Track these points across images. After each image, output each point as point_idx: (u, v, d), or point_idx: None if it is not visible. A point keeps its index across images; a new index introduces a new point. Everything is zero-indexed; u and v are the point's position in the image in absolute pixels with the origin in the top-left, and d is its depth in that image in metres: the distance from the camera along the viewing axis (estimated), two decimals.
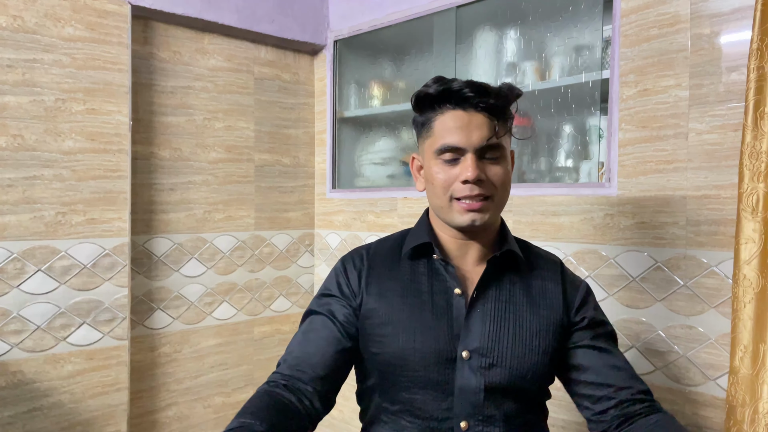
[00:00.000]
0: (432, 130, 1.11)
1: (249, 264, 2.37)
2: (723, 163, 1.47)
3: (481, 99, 1.06)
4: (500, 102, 1.08)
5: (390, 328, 1.10)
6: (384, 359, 1.10)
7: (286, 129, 2.49)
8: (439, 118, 1.10)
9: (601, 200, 1.69)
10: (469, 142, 1.06)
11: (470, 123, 1.06)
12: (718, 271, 1.48)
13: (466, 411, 1.06)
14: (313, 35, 2.46)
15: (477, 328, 1.09)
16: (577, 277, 1.22)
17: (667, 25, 1.56)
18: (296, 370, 1.08)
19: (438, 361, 1.07)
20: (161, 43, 2.12)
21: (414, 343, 1.08)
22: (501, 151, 1.09)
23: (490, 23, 2.06)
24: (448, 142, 1.07)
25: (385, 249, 1.20)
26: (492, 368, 1.07)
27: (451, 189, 1.08)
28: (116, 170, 1.94)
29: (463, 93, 1.06)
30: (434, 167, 1.10)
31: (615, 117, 1.66)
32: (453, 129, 1.07)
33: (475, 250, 1.15)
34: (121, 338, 1.96)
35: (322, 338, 1.12)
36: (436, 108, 1.10)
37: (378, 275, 1.16)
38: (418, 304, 1.11)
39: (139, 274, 2.08)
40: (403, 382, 1.09)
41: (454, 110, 1.08)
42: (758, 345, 1.29)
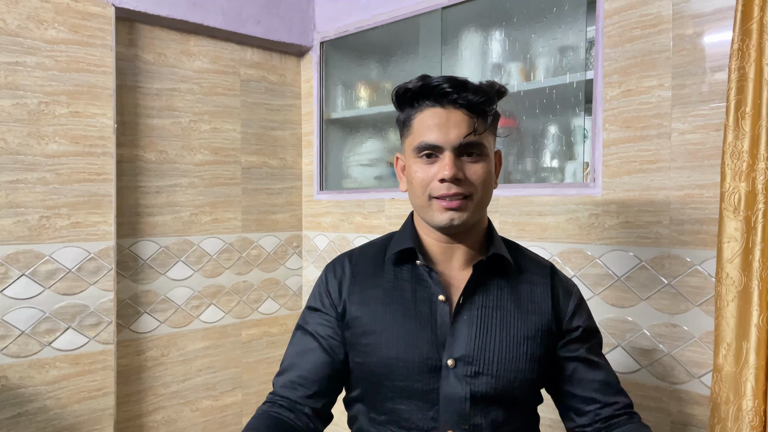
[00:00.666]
0: (411, 128, 1.09)
1: (236, 266, 2.36)
2: (705, 162, 1.48)
3: (459, 95, 1.04)
4: (480, 98, 1.04)
5: (373, 337, 1.08)
6: (368, 369, 1.09)
7: (272, 131, 2.49)
8: (418, 115, 1.08)
9: (586, 200, 1.70)
10: (447, 139, 1.04)
11: (448, 120, 1.04)
12: (701, 269, 1.49)
13: (452, 420, 1.04)
14: (300, 37, 2.46)
15: (463, 336, 1.06)
16: (569, 282, 1.19)
17: (650, 26, 1.57)
18: (291, 390, 1.10)
19: (422, 370, 1.05)
20: (146, 45, 2.11)
21: (397, 352, 1.06)
22: (481, 149, 1.06)
23: (475, 24, 2.07)
24: (425, 140, 1.05)
25: (369, 255, 1.18)
26: (478, 376, 1.04)
27: (429, 188, 1.06)
28: (101, 173, 1.92)
29: (442, 88, 1.04)
30: (413, 166, 1.08)
31: (599, 117, 1.67)
32: (431, 126, 1.05)
33: (461, 254, 1.13)
34: (107, 342, 1.94)
35: (310, 358, 1.12)
36: (416, 105, 1.08)
37: (361, 282, 1.13)
38: (402, 311, 1.08)
39: (125, 278, 2.06)
40: (387, 392, 1.08)
41: (432, 107, 1.06)
42: (741, 343, 1.30)
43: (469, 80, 1.06)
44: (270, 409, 1.09)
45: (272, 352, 2.47)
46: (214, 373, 2.30)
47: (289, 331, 2.52)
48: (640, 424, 1.09)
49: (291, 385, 1.10)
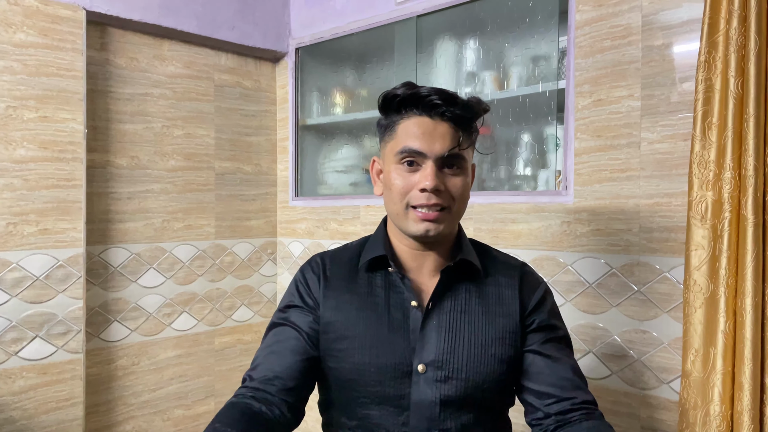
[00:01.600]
0: (395, 133, 1.09)
1: (210, 273, 2.34)
2: (674, 171, 1.51)
3: (448, 108, 1.05)
4: (467, 113, 1.06)
5: (346, 342, 1.09)
6: (340, 374, 1.09)
7: (247, 136, 2.47)
8: (403, 122, 1.08)
9: (558, 208, 1.72)
10: (431, 149, 1.04)
11: (434, 131, 1.05)
12: (670, 276, 1.52)
13: (422, 425, 1.05)
14: (275, 42, 2.45)
15: (432, 341, 1.07)
16: (537, 279, 1.19)
17: (620, 37, 1.60)
18: (263, 383, 1.07)
19: (394, 375, 1.06)
20: (118, 50, 2.08)
21: (369, 358, 1.07)
22: (462, 162, 1.07)
23: (450, 33, 2.08)
24: (409, 146, 1.05)
25: (343, 259, 1.18)
26: (448, 381, 1.05)
27: (408, 196, 1.06)
28: (70, 179, 1.89)
29: (431, 100, 1.05)
30: (393, 172, 1.08)
31: (571, 126, 1.69)
32: (416, 134, 1.05)
33: (432, 261, 1.14)
34: (75, 351, 1.90)
35: (287, 349, 1.10)
36: (402, 112, 1.08)
37: (336, 287, 1.14)
38: (375, 318, 1.09)
39: (95, 286, 2.03)
40: (359, 398, 1.08)
41: (419, 116, 1.06)
42: (708, 349, 1.33)
43: (457, 94, 1.08)
44: (239, 400, 1.04)
45: (246, 359, 2.45)
46: (187, 382, 2.27)
47: None
48: (600, 421, 1.06)
49: (263, 379, 1.07)
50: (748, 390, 1.24)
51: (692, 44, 1.49)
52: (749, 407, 1.24)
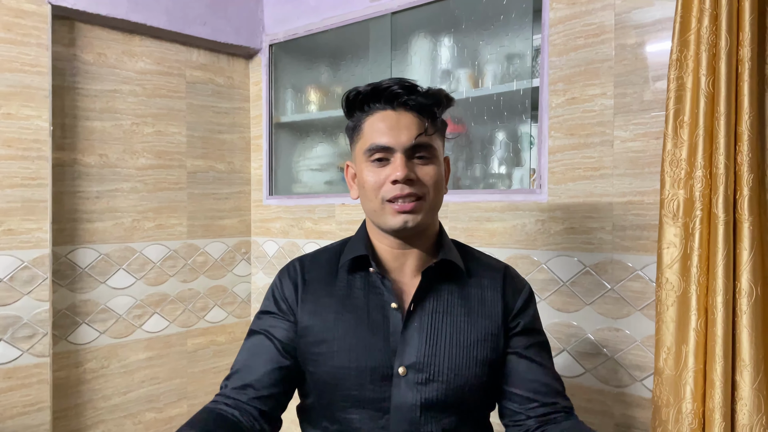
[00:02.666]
0: (362, 132, 1.09)
1: (181, 274, 2.30)
2: (646, 169, 1.51)
3: (409, 96, 1.05)
4: (429, 100, 1.06)
5: (325, 346, 1.07)
6: (320, 378, 1.08)
7: (220, 134, 2.43)
8: (368, 119, 1.08)
9: (532, 206, 1.71)
10: (398, 141, 1.04)
11: (399, 122, 1.05)
12: (642, 274, 1.52)
13: (402, 429, 1.04)
14: (248, 39, 2.42)
15: (413, 343, 1.06)
16: (522, 282, 1.19)
17: (593, 36, 1.60)
18: (237, 392, 1.07)
19: (374, 378, 1.04)
20: (85, 45, 2.03)
21: (349, 361, 1.05)
22: (431, 151, 1.07)
23: (425, 30, 2.07)
24: (376, 142, 1.05)
25: (321, 261, 1.17)
26: (429, 383, 1.04)
27: (382, 191, 1.05)
28: (35, 178, 1.84)
29: (392, 90, 1.05)
30: (365, 170, 1.08)
31: (545, 125, 1.69)
32: (382, 129, 1.05)
33: (413, 261, 1.12)
34: (42, 355, 1.85)
35: (262, 359, 1.10)
36: (366, 109, 1.09)
37: (314, 291, 1.12)
38: (354, 320, 1.08)
39: (62, 287, 1.98)
40: (339, 401, 1.07)
41: (383, 110, 1.07)
42: (680, 346, 1.33)
43: (419, 85, 1.08)
44: (214, 407, 1.06)
45: (219, 361, 2.41)
46: (158, 385, 2.22)
47: (237, 339, 2.46)
48: (577, 422, 1.08)
49: (240, 387, 1.07)
50: (720, 387, 1.24)
51: (664, 43, 1.49)
52: (720, 404, 1.24)
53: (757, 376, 1.24)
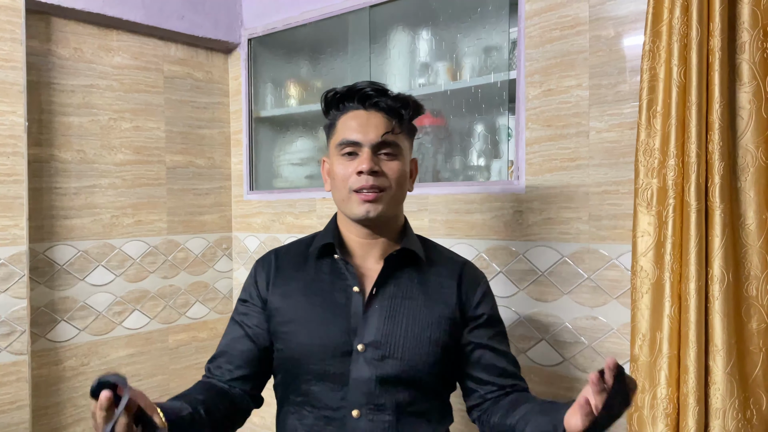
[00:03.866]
0: (336, 128, 1.21)
1: (162, 270, 2.28)
2: (621, 160, 1.53)
3: (380, 98, 1.18)
4: (397, 103, 1.18)
5: (292, 325, 1.19)
6: (287, 354, 1.20)
7: (199, 129, 2.42)
8: (342, 117, 1.20)
9: (510, 197, 1.73)
10: (366, 137, 1.16)
11: (368, 121, 1.17)
12: (618, 263, 1.54)
13: (359, 400, 1.14)
14: (227, 33, 2.40)
15: (373, 323, 1.16)
16: (480, 275, 1.29)
17: (568, 28, 1.61)
18: (221, 371, 1.22)
19: (335, 354, 1.15)
20: (61, 40, 2.01)
21: (312, 338, 1.16)
22: (397, 149, 1.18)
23: (403, 23, 2.07)
24: (347, 137, 1.17)
25: (294, 250, 1.29)
26: (384, 360, 1.14)
27: (350, 182, 1.16)
28: (11, 174, 1.81)
29: (365, 91, 1.18)
30: (336, 163, 1.19)
31: (522, 116, 1.70)
32: (353, 126, 1.17)
33: (378, 249, 1.23)
34: (20, 353, 1.83)
35: (239, 344, 1.23)
36: (341, 108, 1.21)
37: (284, 276, 1.24)
38: (319, 302, 1.19)
39: (40, 284, 1.96)
40: (303, 375, 1.17)
41: (356, 109, 1.19)
42: (655, 333, 1.36)
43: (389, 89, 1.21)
44: (206, 380, 1.23)
45: (202, 357, 2.40)
46: (140, 381, 2.21)
47: (219, 335, 2.46)
48: (528, 394, 1.21)
49: (222, 368, 1.22)
50: (693, 373, 1.27)
51: (638, 34, 1.51)
52: (694, 389, 1.27)
53: (730, 360, 1.27)
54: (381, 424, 1.14)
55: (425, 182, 2.00)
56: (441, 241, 1.85)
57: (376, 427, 1.14)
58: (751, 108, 1.27)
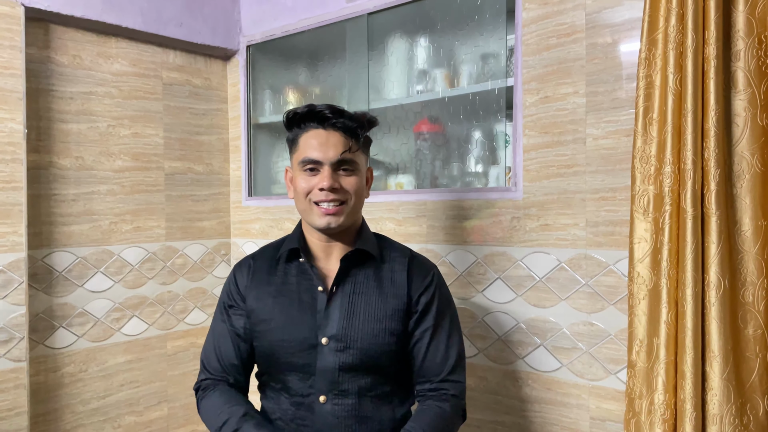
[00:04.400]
0: (298, 146, 1.32)
1: (160, 276, 2.29)
2: (618, 166, 1.54)
3: (337, 119, 1.28)
4: (353, 123, 1.29)
5: (265, 324, 1.32)
6: (263, 350, 1.33)
7: (198, 135, 2.42)
8: (303, 135, 1.31)
9: (508, 204, 1.74)
10: (326, 156, 1.27)
11: (328, 140, 1.28)
12: (615, 269, 1.55)
13: (325, 387, 1.28)
14: (225, 40, 2.41)
15: (334, 318, 1.29)
16: (427, 267, 1.39)
17: (565, 35, 1.62)
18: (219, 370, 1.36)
19: (302, 348, 1.29)
20: (59, 47, 2.01)
21: (283, 335, 1.30)
22: (354, 165, 1.30)
23: (401, 31, 2.08)
24: (309, 156, 1.28)
25: (266, 255, 1.41)
26: (345, 350, 1.27)
27: (311, 195, 1.28)
28: (10, 181, 1.82)
29: (324, 114, 1.29)
30: (299, 177, 1.31)
31: (519, 123, 1.71)
32: (314, 145, 1.28)
33: (338, 251, 1.35)
34: (18, 360, 1.84)
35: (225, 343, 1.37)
36: (302, 126, 1.32)
37: (258, 280, 1.36)
38: (288, 302, 1.32)
39: (39, 291, 1.96)
40: (278, 367, 1.32)
41: (316, 129, 1.30)
42: (652, 339, 1.36)
43: (346, 109, 1.31)
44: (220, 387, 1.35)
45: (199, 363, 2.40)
46: (138, 388, 2.21)
47: None
48: (432, 403, 1.31)
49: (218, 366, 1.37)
50: (690, 378, 1.27)
51: (634, 42, 1.52)
52: (691, 395, 1.27)
53: (726, 366, 1.27)
54: (345, 407, 1.28)
55: (423, 188, 2.01)
56: (439, 247, 1.87)
57: (340, 410, 1.28)
58: (746, 115, 1.28)
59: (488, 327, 1.78)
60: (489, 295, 1.78)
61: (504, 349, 1.76)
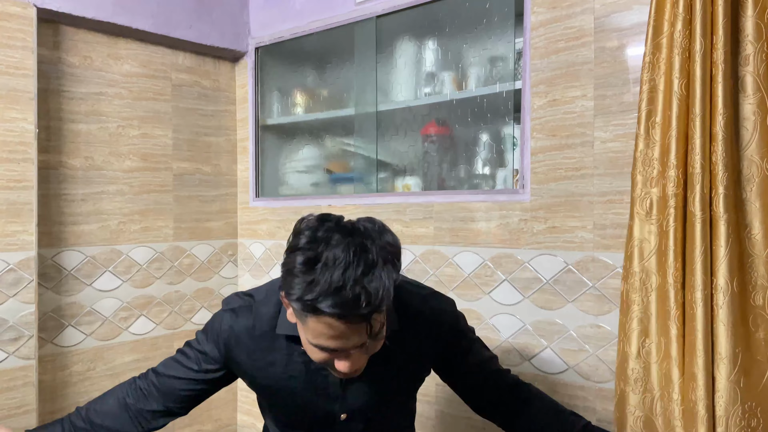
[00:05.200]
0: (306, 324, 0.99)
1: (168, 276, 2.30)
2: (625, 169, 1.55)
3: (353, 315, 0.94)
4: (371, 310, 0.94)
5: (274, 398, 1.23)
6: (275, 413, 1.27)
7: (206, 137, 2.44)
8: (312, 319, 0.96)
9: (515, 206, 1.74)
10: (345, 345, 0.99)
11: (345, 332, 0.96)
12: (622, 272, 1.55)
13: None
14: (234, 42, 2.43)
15: (353, 395, 1.19)
16: (447, 315, 1.25)
17: (573, 39, 1.63)
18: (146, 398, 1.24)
19: (318, 422, 1.22)
20: (70, 48, 2.03)
21: (296, 413, 1.22)
22: (378, 337, 1.01)
23: (409, 33, 2.09)
24: (324, 345, 0.99)
25: (255, 334, 1.17)
26: (368, 423, 1.22)
27: (328, 363, 1.04)
28: (21, 180, 1.83)
29: (334, 312, 0.93)
30: (309, 347, 1.03)
31: (527, 126, 1.72)
32: (327, 336, 0.97)
33: None
34: (27, 358, 1.85)
35: (181, 386, 1.23)
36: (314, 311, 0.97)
37: (256, 357, 1.18)
38: (297, 381, 1.18)
39: (48, 290, 1.97)
40: (294, 426, 1.26)
41: (329, 318, 0.94)
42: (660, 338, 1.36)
43: (359, 296, 0.92)
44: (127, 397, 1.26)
45: None
46: None
47: None
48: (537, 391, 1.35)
49: (152, 391, 1.24)
50: (702, 380, 1.27)
51: (641, 46, 1.52)
52: (703, 397, 1.27)
53: (733, 369, 1.27)
54: None
55: (430, 190, 2.02)
56: (446, 249, 1.88)
57: None
58: (755, 119, 1.28)
59: (495, 329, 1.79)
60: (496, 297, 1.79)
61: (510, 350, 1.76)
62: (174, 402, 1.24)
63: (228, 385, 1.28)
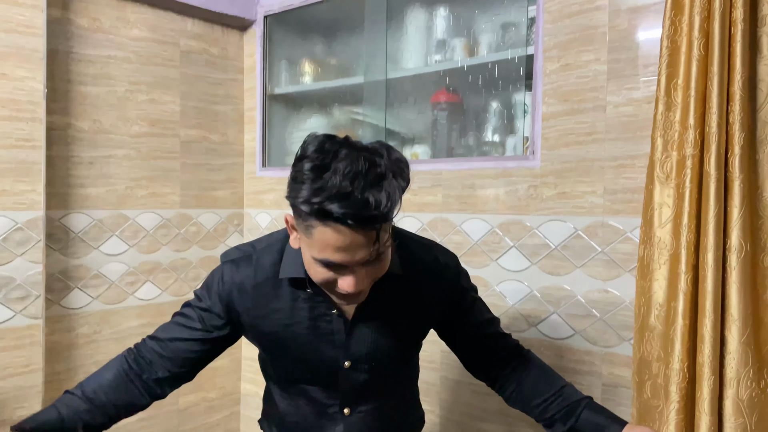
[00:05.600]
0: (312, 236, 0.96)
1: (174, 243, 2.30)
2: (638, 133, 1.54)
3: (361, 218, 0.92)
4: (379, 214, 0.92)
5: (277, 349, 1.20)
6: (278, 366, 1.24)
7: (214, 105, 2.43)
8: (319, 228, 0.94)
9: (525, 172, 1.74)
10: (352, 260, 0.97)
11: (353, 241, 0.94)
12: (632, 237, 1.55)
13: (349, 401, 1.22)
14: (243, 9, 2.41)
15: (357, 343, 1.17)
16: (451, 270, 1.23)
17: (588, 2, 1.61)
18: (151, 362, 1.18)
19: (322, 371, 1.19)
20: (80, 10, 2.02)
21: (300, 362, 1.19)
22: (383, 253, 1.01)
23: (420, 0, 2.07)
24: (329, 258, 0.97)
25: (259, 280, 1.15)
26: (371, 371, 1.20)
27: (330, 284, 1.02)
28: (29, 140, 1.83)
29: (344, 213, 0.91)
30: (312, 265, 1.01)
31: (539, 91, 1.70)
32: (334, 248, 0.95)
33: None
34: (35, 317, 1.85)
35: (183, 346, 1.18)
36: (321, 218, 0.94)
37: (260, 306, 1.15)
38: (302, 329, 1.16)
39: (55, 251, 1.97)
40: (297, 380, 1.23)
41: (337, 226, 0.92)
42: (671, 303, 1.36)
43: (368, 200, 0.91)
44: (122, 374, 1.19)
45: None
46: None
47: None
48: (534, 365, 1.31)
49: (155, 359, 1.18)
50: (709, 342, 1.27)
51: (658, 8, 1.51)
52: (710, 359, 1.27)
53: (746, 330, 1.27)
54: (369, 413, 1.24)
55: (439, 158, 2.01)
56: (454, 216, 1.87)
57: (365, 417, 1.24)
58: None
59: (501, 295, 1.79)
60: (503, 263, 1.78)
61: (517, 317, 1.76)
62: (179, 366, 1.18)
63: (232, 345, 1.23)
